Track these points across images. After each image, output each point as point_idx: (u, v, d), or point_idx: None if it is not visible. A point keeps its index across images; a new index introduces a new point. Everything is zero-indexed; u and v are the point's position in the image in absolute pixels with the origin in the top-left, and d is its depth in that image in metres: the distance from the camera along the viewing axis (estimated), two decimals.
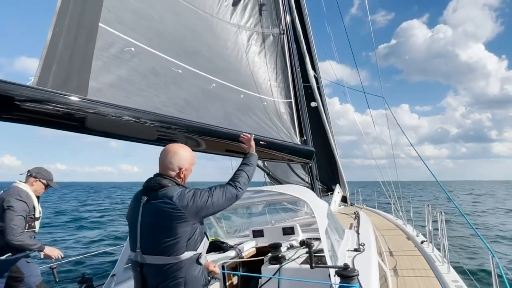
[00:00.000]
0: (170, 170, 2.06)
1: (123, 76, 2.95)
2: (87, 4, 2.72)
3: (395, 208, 8.04)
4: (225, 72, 3.96)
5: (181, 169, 2.08)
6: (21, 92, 2.24)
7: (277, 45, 4.62)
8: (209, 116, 3.66)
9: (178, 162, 2.08)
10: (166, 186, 1.98)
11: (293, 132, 4.92)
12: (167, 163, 2.07)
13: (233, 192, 2.07)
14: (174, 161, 2.07)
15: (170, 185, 1.99)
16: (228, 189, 2.07)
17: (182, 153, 2.12)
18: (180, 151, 2.14)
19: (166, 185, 1.98)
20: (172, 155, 2.09)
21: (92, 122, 2.58)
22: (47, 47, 2.52)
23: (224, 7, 4.10)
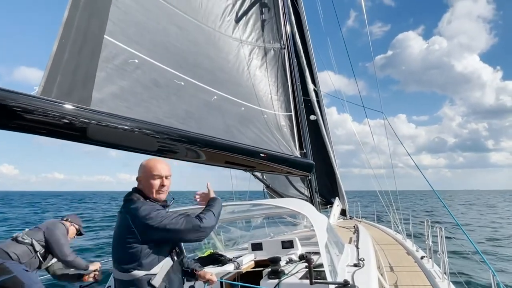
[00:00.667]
0: (137, 181, 2.09)
1: (126, 87, 2.99)
2: (93, 17, 2.77)
3: (394, 221, 7.99)
4: (227, 85, 4.01)
5: (139, 180, 2.08)
6: (25, 101, 2.26)
7: (278, 59, 4.70)
8: (210, 128, 3.69)
9: (138, 173, 2.10)
10: (131, 198, 1.98)
11: (293, 145, 4.95)
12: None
13: (195, 223, 1.90)
14: (138, 172, 2.10)
15: (134, 198, 1.98)
16: (191, 219, 1.91)
17: (141, 164, 2.12)
18: (142, 162, 2.13)
19: (131, 198, 1.98)
20: (139, 167, 2.11)
21: (95, 132, 2.60)
22: (52, 58, 2.57)
23: (226, 21, 4.18)
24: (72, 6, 2.60)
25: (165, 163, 2.12)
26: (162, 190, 2.04)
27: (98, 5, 2.81)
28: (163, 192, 2.06)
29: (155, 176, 2.03)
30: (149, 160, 2.12)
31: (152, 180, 2.03)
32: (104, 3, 2.86)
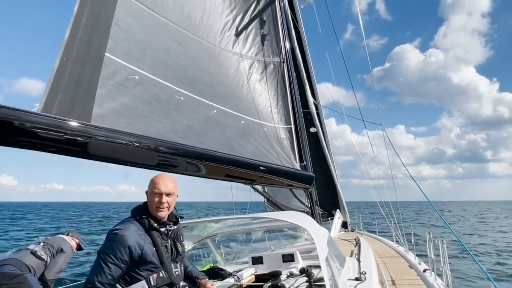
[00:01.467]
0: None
1: (126, 103, 3.02)
2: (94, 35, 2.83)
3: (396, 234, 7.92)
4: (227, 99, 4.05)
5: (146, 194, 2.11)
6: (26, 118, 2.29)
7: (277, 73, 4.76)
8: (210, 142, 3.71)
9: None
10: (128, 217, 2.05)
11: (293, 158, 4.95)
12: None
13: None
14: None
15: (129, 216, 2.05)
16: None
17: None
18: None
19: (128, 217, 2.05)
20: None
21: (95, 148, 2.61)
22: (53, 75, 2.61)
23: (226, 37, 4.25)
24: (74, 25, 2.65)
25: (169, 180, 2.08)
26: (161, 207, 2.00)
27: (99, 24, 2.87)
28: (162, 209, 2.01)
29: (155, 192, 2.01)
30: (155, 176, 2.11)
31: (152, 196, 2.02)
32: (105, 22, 2.92)
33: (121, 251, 1.81)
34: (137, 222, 1.96)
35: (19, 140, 2.22)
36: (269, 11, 4.84)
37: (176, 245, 2.10)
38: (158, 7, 3.47)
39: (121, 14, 3.12)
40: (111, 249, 1.82)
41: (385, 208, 8.43)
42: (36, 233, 23.91)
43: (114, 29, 3.02)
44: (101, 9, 2.94)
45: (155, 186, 2.03)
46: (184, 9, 3.75)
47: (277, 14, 4.92)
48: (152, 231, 1.96)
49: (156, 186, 2.02)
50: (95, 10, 2.90)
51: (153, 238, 1.95)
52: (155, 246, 1.94)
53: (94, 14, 2.86)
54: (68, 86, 2.63)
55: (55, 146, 2.43)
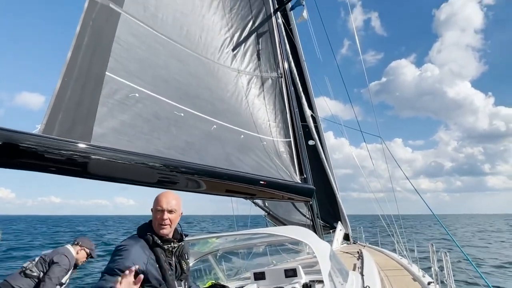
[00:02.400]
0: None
1: (126, 121, 3.04)
2: (95, 55, 2.87)
3: (399, 247, 7.85)
4: (226, 114, 4.08)
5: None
6: (27, 140, 2.30)
7: (275, 87, 4.81)
8: (210, 157, 3.71)
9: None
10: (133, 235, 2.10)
11: (292, 171, 4.95)
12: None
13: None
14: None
15: (135, 233, 2.09)
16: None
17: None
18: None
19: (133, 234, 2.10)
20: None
21: (95, 167, 2.62)
22: (55, 96, 2.63)
23: (225, 53, 4.32)
24: (75, 46, 2.69)
25: (172, 197, 2.10)
26: (163, 224, 2.01)
27: (101, 44, 2.91)
28: (165, 226, 2.02)
29: (157, 209, 2.04)
30: (159, 194, 2.14)
31: (155, 213, 2.04)
32: (106, 42, 2.97)
33: (125, 267, 1.81)
34: (141, 239, 1.98)
35: (21, 163, 2.23)
36: (266, 28, 4.93)
37: (180, 263, 2.10)
38: (157, 25, 3.53)
39: (122, 32, 3.17)
40: (116, 265, 1.83)
41: (387, 221, 8.38)
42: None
43: (115, 47, 3.07)
44: (103, 29, 2.99)
45: (158, 203, 2.05)
46: (183, 27, 3.82)
47: (274, 30, 5.01)
48: (156, 248, 1.97)
49: (159, 204, 2.05)
50: (97, 29, 2.95)
51: (157, 255, 1.95)
52: (158, 263, 1.94)
53: (96, 34, 2.91)
54: (69, 106, 2.65)
55: (56, 167, 2.43)
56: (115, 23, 3.07)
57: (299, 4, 5.28)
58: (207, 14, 4.22)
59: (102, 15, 2.96)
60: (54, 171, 2.45)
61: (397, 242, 7.96)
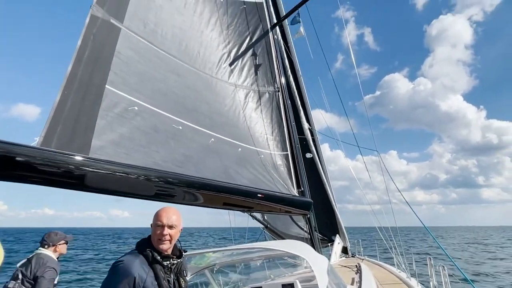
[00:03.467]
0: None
1: (125, 134, 3.06)
2: (95, 69, 2.91)
3: (397, 260, 7.78)
4: (224, 128, 4.11)
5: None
6: (25, 152, 2.31)
7: (272, 101, 4.87)
8: (208, 170, 3.72)
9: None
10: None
11: (290, 184, 4.95)
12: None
13: None
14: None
15: (135, 248, 2.08)
16: None
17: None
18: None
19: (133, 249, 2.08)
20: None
21: (92, 180, 2.62)
22: (54, 109, 2.66)
23: (223, 68, 4.39)
24: (76, 60, 2.74)
25: (172, 212, 2.07)
26: (162, 239, 1.98)
27: (101, 58, 2.96)
28: (164, 242, 1.99)
29: (157, 224, 2.01)
30: (160, 208, 2.11)
31: (155, 228, 2.01)
32: (107, 56, 3.02)
33: (124, 284, 1.78)
34: (141, 255, 1.94)
35: (19, 175, 2.23)
36: (263, 43, 5.03)
37: (179, 280, 2.05)
38: (157, 40, 3.60)
39: (122, 47, 3.23)
40: (114, 281, 1.81)
41: (385, 233, 8.34)
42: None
43: (115, 61, 3.12)
44: (103, 43, 3.05)
45: (158, 218, 2.02)
46: (182, 42, 3.89)
47: (271, 46, 5.11)
48: (155, 265, 1.94)
49: (159, 219, 2.01)
50: (98, 44, 3.01)
51: (155, 271, 1.92)
52: (157, 280, 1.90)
53: (96, 48, 2.96)
54: (68, 119, 2.68)
55: (54, 180, 2.44)
56: (115, 38, 3.13)
57: (296, 22, 5.41)
58: (205, 30, 4.32)
59: (103, 30, 3.02)
60: (51, 184, 2.45)
61: (395, 255, 7.89)
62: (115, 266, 1.86)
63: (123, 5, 3.22)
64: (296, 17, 5.32)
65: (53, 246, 3.82)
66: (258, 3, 5.14)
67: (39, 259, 3.72)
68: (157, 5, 3.64)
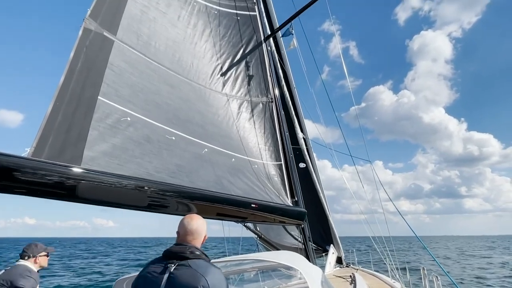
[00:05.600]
0: (196, 238, 1.98)
1: (117, 144, 3.05)
2: (88, 80, 2.92)
3: (391, 269, 7.76)
4: (217, 138, 4.12)
5: (205, 235, 2.03)
6: (15, 163, 2.29)
7: (266, 111, 4.90)
8: (201, 180, 3.71)
9: (203, 230, 2.02)
10: (197, 256, 1.87)
11: (284, 194, 4.95)
12: (198, 230, 2.00)
13: None
14: (202, 229, 2.03)
15: (201, 257, 1.89)
16: None
17: (202, 221, 2.08)
18: (200, 220, 2.09)
19: (198, 256, 1.87)
20: (200, 223, 2.05)
21: (84, 191, 2.60)
22: (46, 119, 2.65)
23: (216, 79, 4.43)
24: (69, 71, 2.75)
25: (188, 219, 2.05)
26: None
27: (93, 70, 2.97)
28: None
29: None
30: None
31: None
32: (100, 68, 3.03)
33: None
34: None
35: (8, 186, 2.21)
36: (257, 54, 5.09)
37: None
38: (150, 52, 3.63)
39: (115, 59, 3.25)
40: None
41: (378, 243, 8.34)
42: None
43: (107, 73, 3.14)
44: (96, 55, 3.06)
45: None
46: (176, 54, 3.93)
47: (264, 57, 5.17)
48: None
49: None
50: (90, 56, 3.02)
51: None
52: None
53: (89, 60, 2.98)
54: (60, 130, 2.67)
55: (44, 190, 2.42)
56: (108, 50, 3.15)
57: (289, 34, 5.50)
58: (199, 42, 4.36)
59: (95, 43, 3.05)
60: (42, 195, 2.43)
61: (389, 265, 7.88)
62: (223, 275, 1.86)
63: (117, 18, 3.25)
64: (289, 29, 5.42)
65: (33, 258, 3.71)
66: (252, 15, 5.23)
67: (18, 270, 3.57)
68: (150, 18, 3.69)
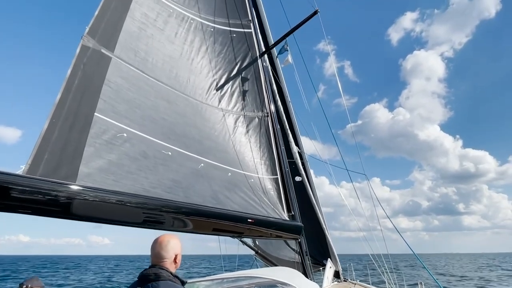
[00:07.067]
0: (165, 258, 2.04)
1: (113, 160, 3.04)
2: (84, 97, 2.93)
3: (388, 284, 7.70)
4: (213, 152, 4.13)
5: (176, 255, 2.07)
6: (9, 181, 2.27)
7: (261, 126, 4.94)
8: (197, 195, 3.69)
9: (170, 250, 2.07)
10: (163, 278, 1.93)
11: (280, 208, 4.93)
12: (163, 252, 2.06)
13: None
14: (170, 249, 2.07)
15: (166, 279, 1.95)
16: None
17: (174, 241, 2.11)
18: (172, 239, 2.13)
19: (164, 278, 1.94)
20: (166, 244, 2.09)
21: (79, 208, 2.57)
22: (42, 137, 2.64)
23: (212, 94, 4.47)
24: (66, 88, 2.76)
25: (155, 241, 2.12)
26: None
27: (91, 86, 2.99)
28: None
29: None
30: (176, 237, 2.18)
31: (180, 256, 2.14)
32: (97, 84, 3.05)
33: None
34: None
35: (3, 205, 2.18)
36: (252, 70, 5.16)
37: None
38: (147, 68, 3.67)
39: (112, 75, 3.28)
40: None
41: (376, 258, 8.30)
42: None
43: (104, 89, 3.15)
44: (93, 72, 3.09)
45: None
46: (173, 70, 3.97)
47: (260, 73, 5.24)
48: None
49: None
50: (88, 73, 3.04)
51: None
52: None
53: (86, 76, 3.00)
54: (55, 147, 2.66)
55: (38, 208, 2.39)
56: (105, 66, 3.18)
57: (284, 50, 5.60)
58: (196, 58, 4.42)
59: (93, 59, 3.08)
60: (37, 213, 2.40)
61: (387, 280, 7.81)
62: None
63: (115, 35, 3.29)
64: (284, 46, 5.52)
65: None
66: (247, 32, 5.32)
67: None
68: (148, 35, 3.74)
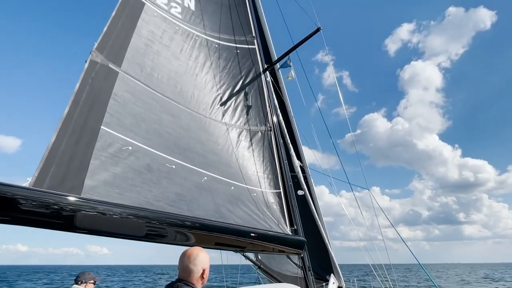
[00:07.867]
0: (193, 272, 2.03)
1: (118, 173, 3.08)
2: (92, 111, 3.00)
3: None
4: (217, 166, 4.16)
5: (204, 269, 2.05)
6: (15, 193, 2.30)
7: (264, 140, 4.98)
8: (200, 209, 3.69)
9: (198, 265, 2.05)
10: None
11: (283, 222, 4.90)
12: (191, 266, 2.04)
13: None
14: (198, 263, 2.06)
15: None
16: None
17: (203, 255, 2.11)
18: (201, 253, 2.12)
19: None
20: (195, 257, 2.08)
21: (82, 221, 2.58)
22: (49, 149, 2.69)
23: (216, 109, 4.54)
24: (73, 103, 2.83)
25: (183, 254, 2.13)
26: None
27: (98, 100, 3.06)
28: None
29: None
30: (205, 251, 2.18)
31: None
32: (104, 98, 3.12)
33: None
34: None
35: (9, 216, 2.21)
36: (256, 85, 5.25)
37: None
38: (153, 83, 3.75)
39: (119, 90, 3.35)
40: None
41: (378, 271, 8.17)
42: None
43: (111, 103, 3.22)
44: (101, 87, 3.16)
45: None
46: (178, 85, 4.05)
47: (263, 88, 5.33)
48: None
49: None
50: (95, 87, 3.12)
51: None
52: None
53: (94, 91, 3.07)
54: (62, 160, 2.70)
55: (42, 221, 2.41)
56: (112, 81, 3.26)
57: (286, 66, 5.70)
58: (200, 74, 4.51)
59: (101, 74, 3.16)
60: (40, 225, 2.42)
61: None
62: None
63: (122, 51, 3.39)
64: (287, 61, 5.61)
65: (84, 283, 4.33)
66: (251, 49, 5.44)
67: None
68: (154, 51, 3.84)
